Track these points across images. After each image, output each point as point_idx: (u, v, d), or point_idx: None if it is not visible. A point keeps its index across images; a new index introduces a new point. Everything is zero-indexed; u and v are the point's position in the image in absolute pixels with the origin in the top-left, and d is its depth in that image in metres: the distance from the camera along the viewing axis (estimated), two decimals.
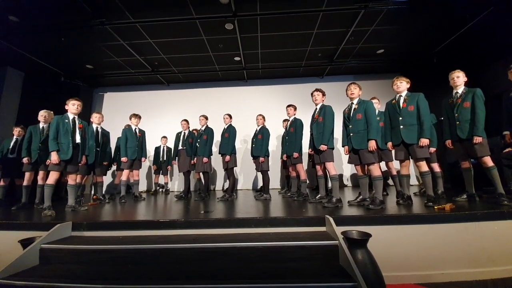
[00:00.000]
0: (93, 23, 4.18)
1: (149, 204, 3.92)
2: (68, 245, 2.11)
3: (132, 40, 4.85)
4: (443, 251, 2.20)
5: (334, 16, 4.27)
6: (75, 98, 3.35)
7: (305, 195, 3.81)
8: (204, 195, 4.38)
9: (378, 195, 2.79)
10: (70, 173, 3.28)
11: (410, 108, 2.86)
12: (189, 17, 4.17)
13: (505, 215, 2.25)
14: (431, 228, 2.24)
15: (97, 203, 4.12)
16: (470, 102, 2.86)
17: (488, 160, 2.76)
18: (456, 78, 3.00)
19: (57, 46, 4.82)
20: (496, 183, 2.73)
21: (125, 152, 4.26)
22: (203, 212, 2.95)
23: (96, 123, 4.25)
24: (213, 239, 2.15)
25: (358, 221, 2.30)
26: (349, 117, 3.06)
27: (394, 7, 3.97)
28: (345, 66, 6.27)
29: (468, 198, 3.02)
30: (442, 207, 2.47)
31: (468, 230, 2.22)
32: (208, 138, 4.41)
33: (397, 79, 3.00)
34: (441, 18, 4.34)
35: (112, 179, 6.40)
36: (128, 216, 2.95)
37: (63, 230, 2.34)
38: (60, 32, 4.38)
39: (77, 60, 5.58)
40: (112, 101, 7.17)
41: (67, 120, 3.26)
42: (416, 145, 2.79)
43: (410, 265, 2.20)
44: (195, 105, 6.88)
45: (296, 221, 2.37)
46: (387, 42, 5.23)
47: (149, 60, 5.74)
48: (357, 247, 1.80)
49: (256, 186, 6.49)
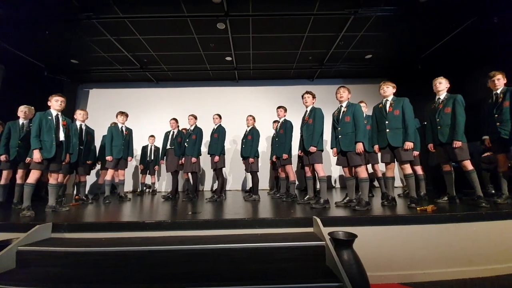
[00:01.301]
0: (80, 17, 4.03)
1: (134, 205, 3.82)
2: (47, 247, 2.02)
3: (121, 36, 4.72)
4: (425, 251, 2.27)
5: (325, 20, 4.34)
6: (59, 94, 3.23)
7: (294, 196, 3.84)
8: (192, 195, 4.32)
9: (364, 197, 2.85)
10: (53, 172, 3.15)
11: (396, 112, 2.95)
12: (180, 14, 4.10)
13: (484, 217, 2.36)
14: (414, 229, 2.32)
15: (79, 203, 3.97)
16: (451, 107, 2.99)
17: (468, 163, 2.88)
18: (439, 84, 3.13)
19: (41, 40, 4.61)
20: (475, 186, 2.85)
21: (110, 151, 4.13)
22: (190, 213, 2.90)
23: (80, 120, 4.10)
24: (200, 240, 2.12)
25: (345, 222, 2.34)
26: (338, 119, 3.12)
27: (382, 14, 4.09)
28: (335, 70, 6.38)
29: (449, 200, 3.14)
30: (425, 208, 2.56)
31: (448, 231, 2.31)
32: (197, 138, 4.36)
33: (384, 83, 3.09)
34: (426, 27, 4.52)
35: (96, 178, 6.20)
36: (112, 217, 2.87)
37: (43, 232, 2.24)
38: (45, 25, 4.20)
39: (62, 55, 5.35)
40: (97, 97, 6.93)
41: (50, 117, 3.13)
42: (401, 148, 2.88)
43: (394, 265, 2.26)
44: (185, 104, 6.77)
45: (285, 222, 2.38)
46: (375, 48, 5.37)
47: (138, 57, 5.61)
48: (343, 248, 1.83)
49: (246, 187, 6.47)
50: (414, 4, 3.93)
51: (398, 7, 3.98)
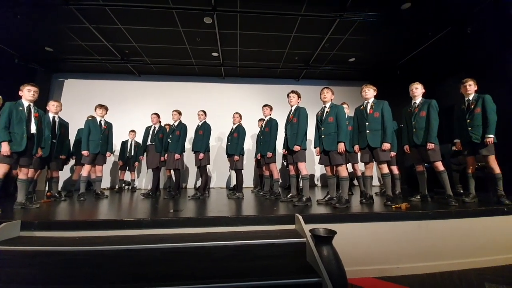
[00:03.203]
0: (55, 2, 3.77)
1: (112, 202, 3.67)
2: (16, 247, 1.89)
3: (100, 24, 4.48)
4: (399, 247, 2.40)
5: (311, 21, 4.41)
6: (31, 84, 3.03)
7: (278, 194, 3.88)
8: (174, 193, 4.23)
9: (344, 195, 2.95)
10: (22, 167, 2.95)
11: (375, 114, 3.07)
12: (165, 6, 3.97)
13: (452, 215, 2.53)
14: (389, 226, 2.44)
15: (51, 200, 3.74)
16: (426, 111, 3.16)
17: (440, 164, 3.07)
18: (415, 89, 3.29)
19: (12, 24, 4.26)
20: (445, 185, 3.05)
21: (87, 145, 3.93)
22: (172, 211, 2.84)
23: (53, 112, 3.85)
24: (182, 239, 2.08)
25: (325, 219, 2.41)
26: (322, 119, 3.19)
27: (365, 19, 4.24)
28: (320, 71, 6.52)
29: (421, 198, 3.34)
30: (399, 206, 2.69)
31: (420, 228, 2.46)
32: (181, 134, 4.25)
33: (365, 86, 3.21)
34: (406, 34, 4.75)
35: (70, 174, 5.86)
36: (87, 215, 2.73)
37: (10, 230, 2.09)
38: (16, 9, 3.88)
39: (35, 41, 4.98)
40: (73, 88, 6.54)
41: (21, 108, 2.92)
42: (379, 149, 3.01)
43: (370, 259, 2.36)
44: (168, 99, 6.59)
45: (267, 219, 2.40)
46: (358, 52, 5.55)
47: (119, 47, 5.36)
48: (323, 244, 1.88)
49: (230, 185, 6.44)
50: (396, 11, 4.11)
51: (381, 13, 4.14)
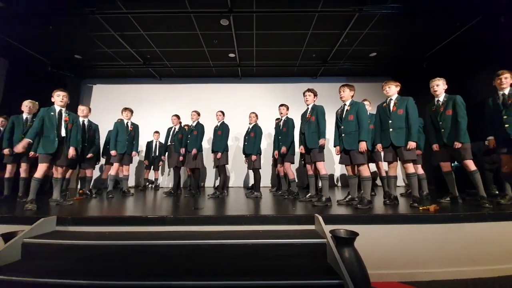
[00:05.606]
0: (83, 12, 4.03)
1: (137, 200, 3.85)
2: (52, 240, 2.05)
3: (124, 32, 4.72)
4: (427, 250, 2.27)
5: (329, 17, 4.30)
6: (61, 89, 3.25)
7: (296, 194, 3.84)
8: (195, 191, 4.35)
9: (366, 195, 2.85)
10: (57, 166, 3.19)
11: (399, 111, 2.93)
12: (184, 10, 4.09)
13: (486, 217, 2.35)
14: (416, 228, 2.32)
15: (83, 197, 4.01)
16: (451, 109, 2.96)
17: (471, 164, 2.86)
18: (436, 86, 3.08)
19: (44, 34, 4.62)
20: (478, 186, 2.84)
21: (114, 146, 4.18)
22: (193, 209, 2.92)
23: (82, 116, 4.12)
24: (202, 236, 2.13)
25: (346, 220, 2.35)
26: (342, 118, 3.10)
27: (387, 11, 4.04)
28: (339, 68, 6.34)
29: (452, 200, 3.13)
30: (427, 208, 2.55)
31: (451, 231, 2.31)
32: (198, 133, 4.35)
33: (385, 84, 3.08)
34: (431, 25, 4.46)
35: (100, 173, 6.24)
36: (115, 211, 2.89)
37: (47, 225, 2.27)
38: (48, 20, 4.21)
39: (66, 50, 5.36)
40: (101, 93, 6.96)
41: (52, 113, 3.16)
42: (403, 148, 2.87)
43: (395, 263, 2.26)
44: (188, 101, 6.78)
45: (286, 219, 2.39)
46: (380, 46, 5.31)
47: (141, 53, 5.61)
48: (344, 246, 1.83)
49: (248, 184, 6.49)
50: (419, 2, 3.88)
51: (403, 5, 3.93)
